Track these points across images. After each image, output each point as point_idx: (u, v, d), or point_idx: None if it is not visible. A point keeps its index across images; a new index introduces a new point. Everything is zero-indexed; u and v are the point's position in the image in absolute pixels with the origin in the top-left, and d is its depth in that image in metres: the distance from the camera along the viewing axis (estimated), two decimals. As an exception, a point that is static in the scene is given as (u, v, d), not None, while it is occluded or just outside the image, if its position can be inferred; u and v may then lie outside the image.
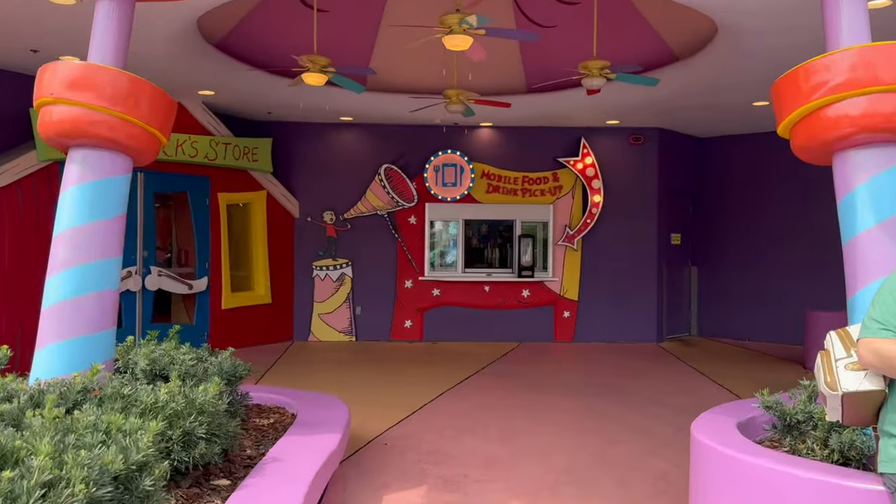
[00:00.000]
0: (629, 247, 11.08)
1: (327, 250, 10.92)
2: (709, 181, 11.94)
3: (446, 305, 11.03)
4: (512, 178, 11.03)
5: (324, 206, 10.92)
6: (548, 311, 11.08)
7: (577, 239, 10.99)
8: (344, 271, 10.95)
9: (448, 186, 10.85)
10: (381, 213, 10.95)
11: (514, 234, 11.11)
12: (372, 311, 10.97)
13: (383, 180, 10.90)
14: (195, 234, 9.59)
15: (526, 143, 11.08)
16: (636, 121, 10.68)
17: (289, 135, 10.88)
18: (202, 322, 9.65)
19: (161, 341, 4.71)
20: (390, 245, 10.99)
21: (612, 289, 11.09)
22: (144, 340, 4.66)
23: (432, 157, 10.83)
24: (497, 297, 11.03)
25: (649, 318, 11.11)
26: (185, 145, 9.20)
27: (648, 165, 11.12)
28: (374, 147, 10.99)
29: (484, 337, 11.01)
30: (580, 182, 10.99)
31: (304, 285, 10.91)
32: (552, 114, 10.31)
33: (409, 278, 10.99)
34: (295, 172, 10.92)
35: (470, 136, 11.06)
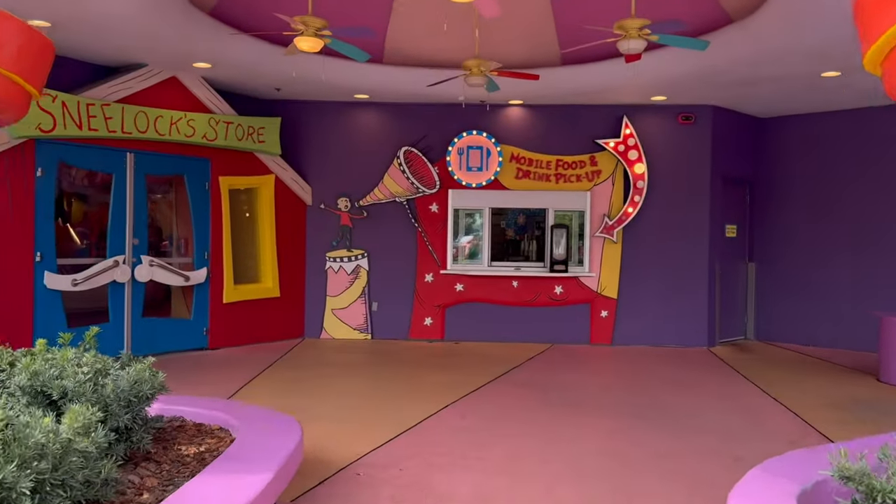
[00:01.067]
0: (677, 239, 9.87)
1: (341, 240, 10.04)
2: (769, 166, 10.61)
3: (470, 302, 10.03)
4: (544, 161, 9.93)
5: (338, 193, 10.03)
6: (583, 309, 9.97)
7: (618, 230, 9.83)
8: (359, 263, 10.04)
9: (473, 171, 9.82)
10: (401, 201, 10.00)
11: (546, 223, 10.03)
12: (389, 306, 10.05)
13: (402, 164, 9.95)
14: (193, 221, 8.81)
15: (560, 122, 9.97)
16: (686, 97, 9.45)
17: (300, 114, 10.01)
18: (200, 317, 8.87)
19: (77, 345, 3.80)
20: (410, 235, 10.03)
21: (657, 286, 9.91)
22: (56, 347, 3.77)
23: (456, 139, 9.82)
24: (526, 294, 9.98)
25: (699, 320, 9.89)
26: (180, 123, 8.40)
27: (700, 147, 9.88)
28: (393, 128, 10.04)
29: (511, 337, 9.97)
30: (621, 166, 9.83)
31: (316, 278, 10.05)
32: (590, 89, 9.17)
33: (430, 272, 10.02)
34: (307, 155, 10.05)
35: (497, 115, 10.01)
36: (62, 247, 10.46)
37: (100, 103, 7.66)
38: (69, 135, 7.45)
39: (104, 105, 7.71)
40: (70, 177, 10.61)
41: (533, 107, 9.99)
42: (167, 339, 8.55)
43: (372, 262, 10.04)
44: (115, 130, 7.81)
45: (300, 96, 9.81)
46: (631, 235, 9.89)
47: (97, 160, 7.92)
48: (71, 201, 11.09)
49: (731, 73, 8.21)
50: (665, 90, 9.13)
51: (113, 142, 7.91)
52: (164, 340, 8.51)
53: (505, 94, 9.32)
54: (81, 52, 7.76)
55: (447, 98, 9.61)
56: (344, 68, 8.63)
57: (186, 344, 8.75)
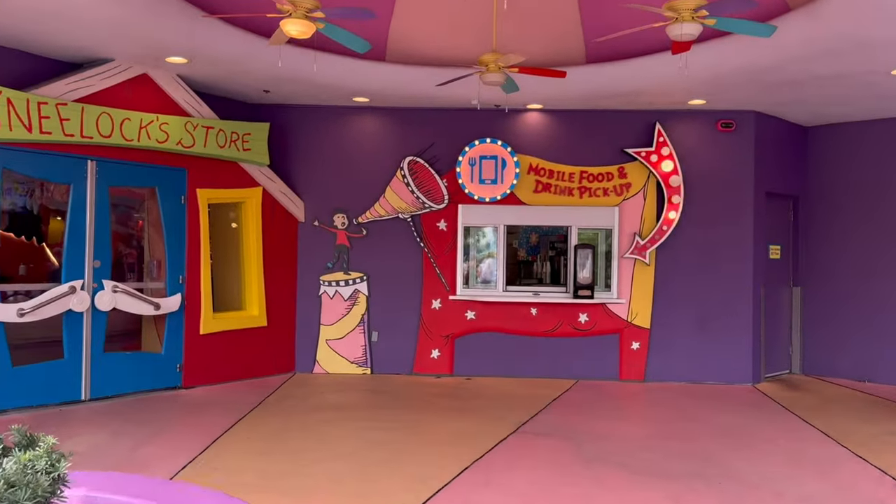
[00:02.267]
0: (718, 261, 8.72)
1: (337, 262, 8.88)
2: (815, 180, 9.49)
3: (483, 332, 8.86)
4: (567, 173, 8.81)
5: (334, 208, 8.90)
6: (611, 341, 8.80)
7: (650, 251, 8.69)
8: (357, 287, 8.89)
9: (486, 184, 8.70)
10: (404, 217, 8.86)
11: (568, 243, 8.89)
12: (391, 337, 8.88)
13: (407, 176, 8.82)
14: (166, 240, 7.65)
15: (585, 129, 8.86)
16: (727, 101, 8.35)
17: (291, 120, 8.90)
18: (173, 351, 7.69)
19: None
20: (414, 256, 8.89)
21: (695, 314, 8.74)
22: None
23: (467, 148, 8.70)
24: (547, 323, 8.81)
25: (743, 353, 8.71)
26: (151, 127, 7.28)
27: (742, 158, 8.76)
28: (396, 136, 8.93)
29: (530, 372, 8.79)
30: (654, 178, 8.71)
31: (308, 305, 8.88)
32: (619, 90, 8.07)
33: (438, 297, 8.86)
34: (299, 166, 8.93)
35: (514, 121, 8.90)
36: (38, 270, 9.37)
37: (54, 102, 6.55)
38: (16, 138, 6.33)
39: (59, 105, 6.59)
40: (48, 192, 9.52)
41: (554, 112, 8.88)
42: (134, 378, 7.37)
43: (372, 286, 8.88)
44: (72, 134, 6.69)
45: (291, 99, 8.71)
46: (665, 257, 8.74)
47: (51, 169, 6.79)
48: (48, 219, 9.99)
49: (782, 71, 7.09)
50: (705, 92, 8.03)
51: (70, 147, 6.79)
52: (131, 379, 7.33)
53: (522, 97, 8.22)
54: (34, 44, 6.67)
55: (457, 102, 8.51)
56: (340, 66, 7.54)
57: (157, 382, 7.57)
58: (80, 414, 6.59)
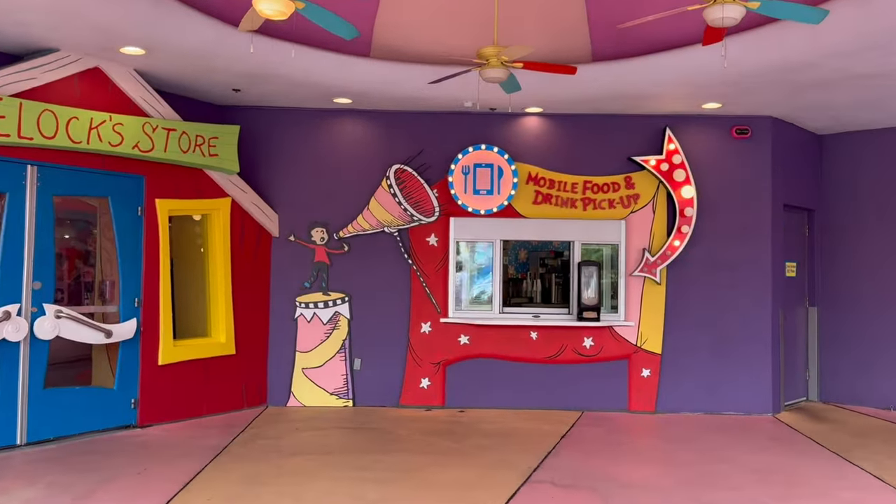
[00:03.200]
0: (734, 280, 7.98)
1: (316, 281, 7.97)
2: (832, 192, 8.82)
3: (478, 358, 7.99)
4: (569, 183, 8.03)
5: (312, 221, 8.00)
6: (619, 367, 7.99)
7: (661, 268, 7.92)
8: (338, 310, 7.98)
9: (481, 195, 7.87)
10: (391, 231, 8.00)
11: (571, 260, 8.08)
12: (376, 365, 7.97)
13: (393, 186, 7.97)
14: (119, 257, 6.70)
15: (589, 135, 8.09)
16: (744, 104, 7.64)
17: (265, 124, 8.01)
18: (128, 385, 6.71)
19: None
20: (402, 274, 8.01)
21: (710, 338, 7.97)
22: None
23: (460, 155, 7.88)
24: (548, 348, 7.97)
25: (762, 380, 7.95)
26: (103, 128, 6.34)
27: (758, 167, 8.05)
28: (382, 141, 8.07)
29: (530, 402, 7.94)
30: (664, 189, 7.96)
31: (283, 329, 7.95)
32: (627, 91, 7.31)
33: (428, 320, 7.99)
34: (273, 175, 8.02)
35: (512, 126, 8.10)
36: None
37: (-15, 97, 5.60)
38: (-63, 138, 5.37)
39: (-8, 99, 5.64)
40: None
41: (555, 116, 8.10)
42: (81, 417, 6.38)
43: (354, 308, 7.98)
44: (7, 134, 5.74)
45: (265, 101, 7.82)
46: (677, 275, 7.97)
47: (-19, 174, 5.83)
48: None
49: (817, 69, 6.38)
50: (722, 94, 7.30)
51: (5, 150, 5.83)
52: (77, 418, 6.34)
53: (521, 99, 7.44)
54: (-38, 29, 5.72)
55: (449, 104, 7.70)
56: (319, 61, 6.70)
57: (108, 421, 6.58)
58: (13, 462, 5.59)
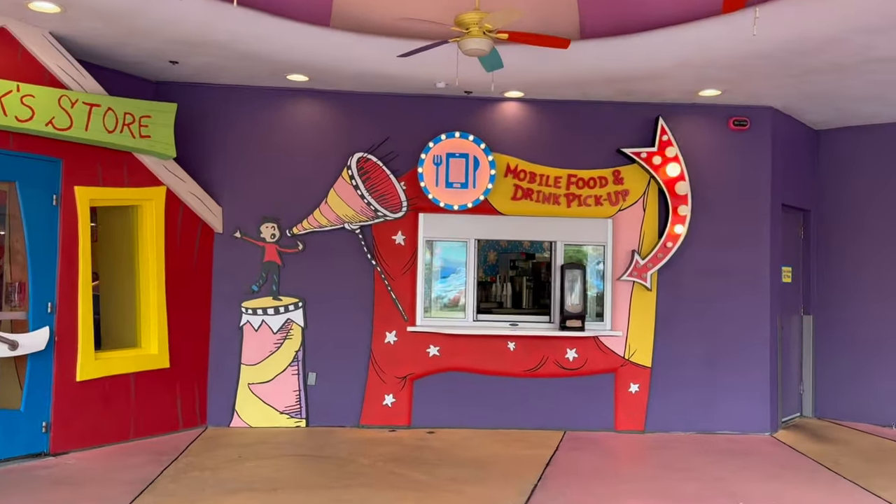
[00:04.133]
0: (730, 286, 7.26)
1: (265, 284, 7.01)
2: (829, 191, 8.20)
3: (449, 371, 7.12)
4: (552, 177, 7.22)
5: (262, 216, 7.03)
6: (605, 382, 7.20)
7: (652, 272, 7.16)
8: (290, 316, 7.02)
9: (455, 189, 7.01)
10: (352, 228, 7.08)
11: (553, 262, 7.28)
12: (334, 379, 7.04)
13: (355, 177, 7.05)
14: (29, 254, 5.65)
15: (574, 124, 7.29)
16: (744, 92, 6.94)
17: (208, 103, 7.01)
18: (38, 405, 5.66)
19: None
20: (364, 277, 7.09)
21: (704, 349, 7.24)
22: None
23: (431, 144, 7.00)
24: (528, 360, 7.15)
25: (759, 396, 7.26)
26: (8, 100, 5.29)
27: (757, 163, 7.36)
28: (343, 126, 7.15)
29: (507, 421, 7.10)
30: (655, 185, 7.21)
31: (226, 339, 6.96)
32: (619, 73, 6.52)
33: (393, 328, 7.08)
34: (216, 162, 7.03)
35: (490, 112, 7.25)
36: None
37: None
38: None
39: None
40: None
41: (537, 102, 7.28)
42: (-25, 445, 5.32)
43: (309, 314, 7.03)
44: None
45: (208, 76, 6.83)
46: (670, 280, 7.22)
47: None
48: None
49: (838, 47, 5.62)
50: (724, 79, 6.57)
51: None
52: (-30, 447, 5.29)
53: (501, 82, 6.62)
54: None
55: (420, 85, 6.82)
56: (270, 28, 5.77)
57: (13, 449, 5.53)
58: None
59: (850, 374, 7.96)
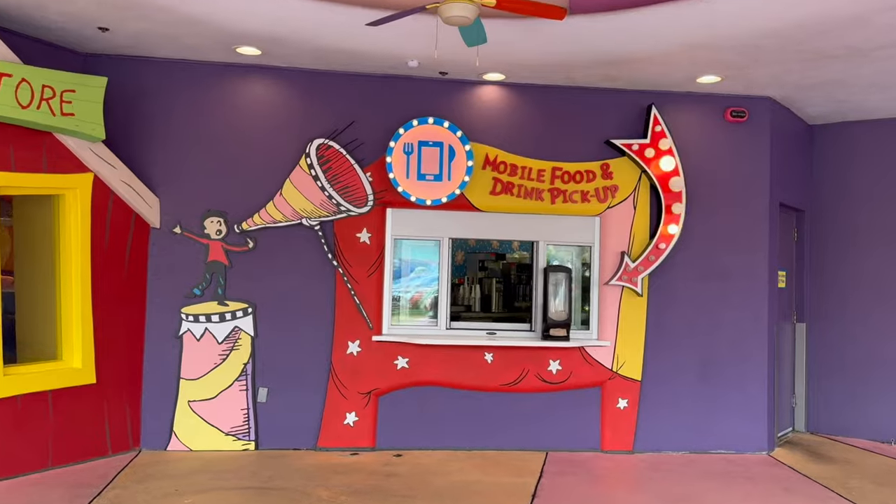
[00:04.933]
0: (726, 292, 6.66)
1: (209, 286, 6.14)
2: (824, 191, 7.68)
3: (419, 386, 6.36)
4: (535, 170, 6.51)
5: (206, 209, 6.16)
6: (591, 397, 6.52)
7: (643, 276, 6.51)
8: (238, 324, 6.17)
9: (427, 182, 6.25)
10: (311, 224, 6.26)
11: (535, 264, 6.58)
12: (288, 395, 6.21)
13: (315, 166, 6.24)
14: (-82, 250, 4.71)
15: (560, 112, 6.60)
16: (745, 80, 6.33)
17: (144, 80, 6.12)
18: (-73, 432, 4.72)
19: None
20: (324, 279, 6.28)
21: (698, 361, 6.62)
22: None
23: (402, 130, 6.23)
24: (507, 373, 6.42)
25: (756, 411, 6.67)
26: None
27: (755, 158, 6.77)
28: (301, 108, 6.32)
29: (485, 441, 6.36)
30: (647, 180, 6.57)
31: (163, 350, 6.07)
32: (611, 55, 5.83)
33: (356, 338, 6.29)
34: (154, 146, 6.13)
35: (467, 96, 6.51)
36: None
37: None
38: None
39: None
40: None
41: (520, 87, 6.56)
42: None
43: (260, 322, 6.19)
44: None
45: (145, 48, 5.93)
46: (661, 285, 6.58)
47: None
48: None
49: (863, 27, 5.02)
50: (725, 63, 5.94)
51: None
52: None
53: (480, 62, 5.87)
54: None
55: (389, 63, 6.05)
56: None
57: None
58: None
59: (845, 387, 7.45)
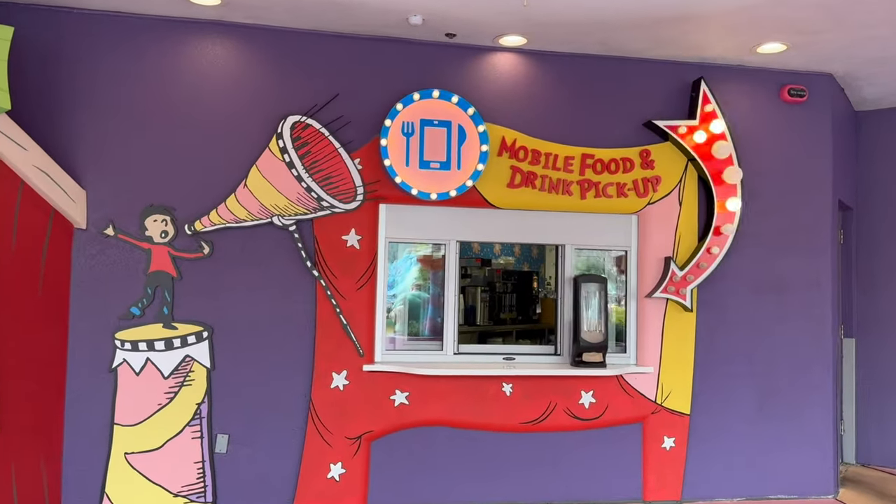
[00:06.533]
0: (784, 305, 5.57)
1: (152, 304, 4.75)
2: (874, 187, 6.69)
3: (421, 426, 5.07)
4: (561, 157, 5.29)
5: (147, 204, 4.77)
6: (631, 435, 5.33)
7: (692, 287, 5.35)
8: (190, 353, 4.79)
9: (431, 170, 4.98)
10: (285, 223, 4.91)
11: (560, 273, 5.37)
12: (255, 443, 4.85)
13: (289, 151, 4.90)
14: None
15: (592, 86, 5.40)
16: (812, 51, 5.25)
17: (68, 36, 4.70)
18: None
19: None
20: (301, 294, 4.93)
21: (755, 388, 5.51)
22: None
23: (400, 106, 4.94)
24: (529, 408, 5.18)
25: (819, 447, 5.59)
26: None
27: (816, 146, 5.71)
28: (271, 76, 4.98)
29: (502, 493, 5.11)
30: (695, 170, 5.43)
31: (90, 387, 4.65)
32: (660, 12, 4.67)
33: (342, 367, 4.96)
34: (80, 123, 4.71)
35: (480, 65, 5.26)
36: None
37: None
38: None
39: None
40: None
41: (544, 56, 5.34)
42: None
43: (218, 349, 4.82)
44: None
45: (65, -8, 4.55)
46: (711, 297, 5.44)
47: None
48: None
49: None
50: (797, 27, 4.84)
51: None
52: None
53: (497, 21, 4.66)
54: None
55: (384, 22, 4.77)
56: None
57: None
58: None
59: (901, 411, 6.47)
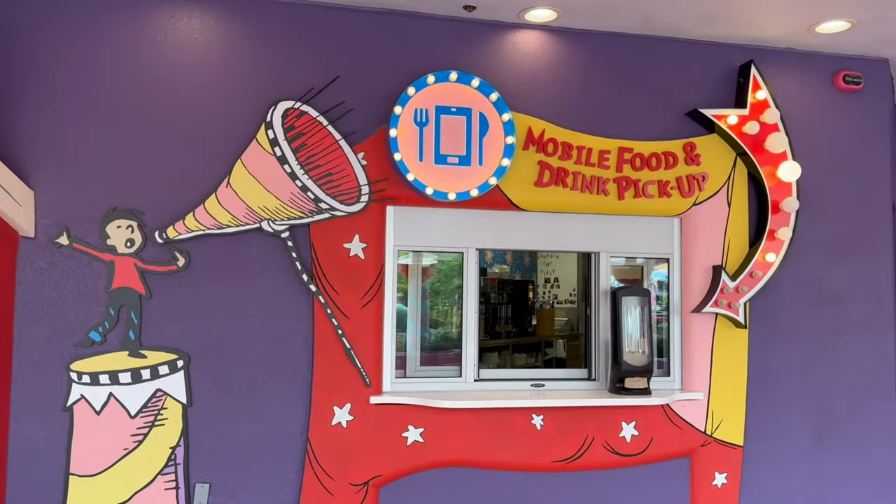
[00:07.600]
0: (842, 319, 4.92)
1: (115, 328, 3.92)
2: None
3: (438, 468, 4.30)
4: (596, 151, 4.58)
5: (109, 206, 3.95)
6: (678, 471, 4.62)
7: (745, 300, 4.66)
8: (162, 386, 3.96)
9: (448, 165, 4.23)
10: (276, 229, 4.12)
11: (594, 284, 4.66)
12: (241, 493, 4.04)
13: (280, 143, 4.11)
14: None
15: (628, 70, 4.71)
16: (873, 32, 4.63)
17: (17, 9, 3.90)
18: None
19: None
20: (296, 312, 4.14)
21: (812, 415, 4.84)
22: None
23: (411, 90, 4.18)
24: (562, 444, 4.44)
25: (885, 483, 4.94)
26: None
27: (873, 141, 5.08)
28: (259, 55, 4.19)
29: (532, 547, 4.37)
30: (744, 166, 4.76)
31: (39, 429, 3.80)
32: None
33: (346, 400, 4.17)
34: (27, 110, 3.88)
35: (503, 44, 4.52)
36: None
37: None
38: None
39: None
40: None
41: (576, 35, 4.63)
42: None
43: (196, 381, 4.00)
44: None
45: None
46: (763, 311, 4.77)
47: None
48: None
49: None
50: (865, 4, 4.21)
51: None
52: None
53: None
54: None
55: (396, -13, 4.04)
56: None
57: None
58: None
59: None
